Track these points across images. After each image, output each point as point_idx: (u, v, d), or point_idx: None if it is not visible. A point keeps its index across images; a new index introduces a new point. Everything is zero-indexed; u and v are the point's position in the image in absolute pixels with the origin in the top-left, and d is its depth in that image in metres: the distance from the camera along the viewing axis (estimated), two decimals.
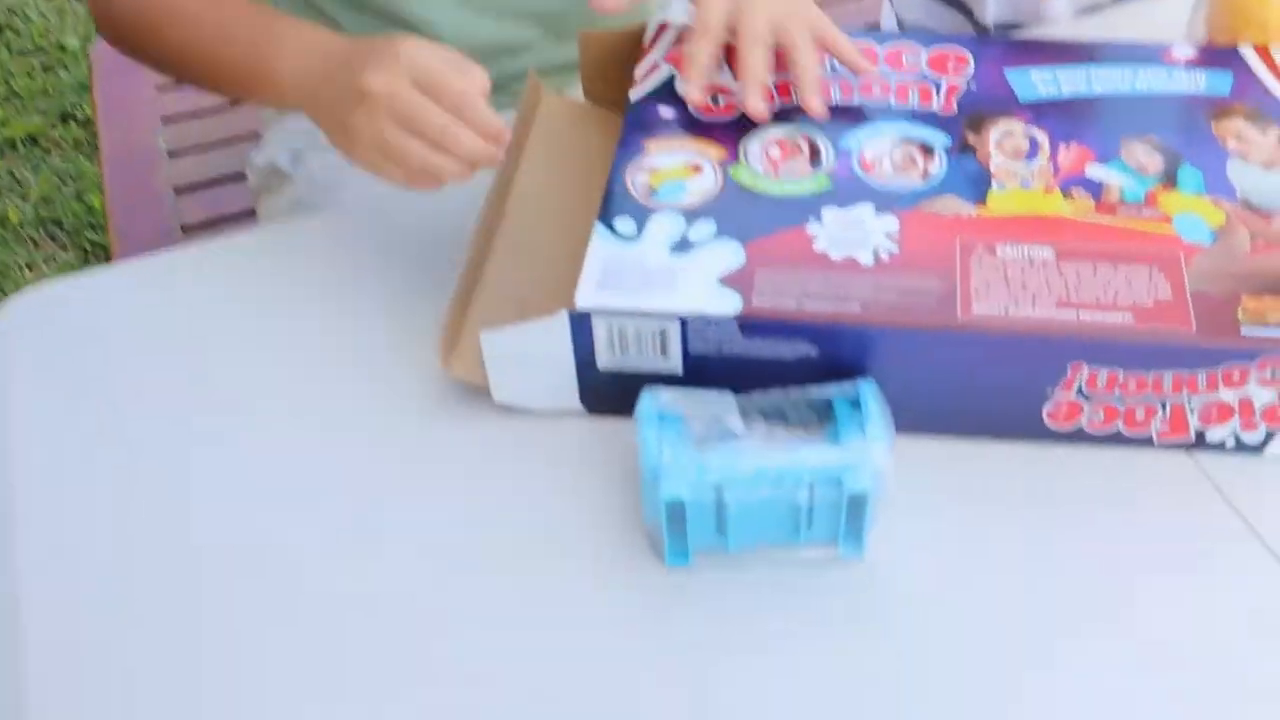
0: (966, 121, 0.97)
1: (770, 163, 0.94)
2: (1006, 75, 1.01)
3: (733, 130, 0.98)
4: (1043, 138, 0.96)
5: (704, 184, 0.93)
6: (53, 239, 2.17)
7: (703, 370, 0.86)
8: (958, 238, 0.88)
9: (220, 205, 1.48)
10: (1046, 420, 0.85)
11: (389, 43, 0.89)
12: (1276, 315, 0.81)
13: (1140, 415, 0.85)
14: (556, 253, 0.94)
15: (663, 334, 0.85)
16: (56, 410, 0.93)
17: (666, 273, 0.86)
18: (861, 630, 0.77)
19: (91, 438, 0.91)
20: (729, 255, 0.87)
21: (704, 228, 0.89)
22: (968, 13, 1.31)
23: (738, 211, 0.91)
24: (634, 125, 0.98)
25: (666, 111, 0.99)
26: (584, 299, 0.85)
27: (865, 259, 0.86)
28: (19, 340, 0.99)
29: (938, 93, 1.00)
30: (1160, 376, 0.82)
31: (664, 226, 0.90)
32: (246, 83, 1.01)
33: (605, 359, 0.87)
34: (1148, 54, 1.03)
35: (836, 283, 0.84)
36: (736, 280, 0.85)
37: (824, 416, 0.82)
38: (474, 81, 0.87)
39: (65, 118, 2.40)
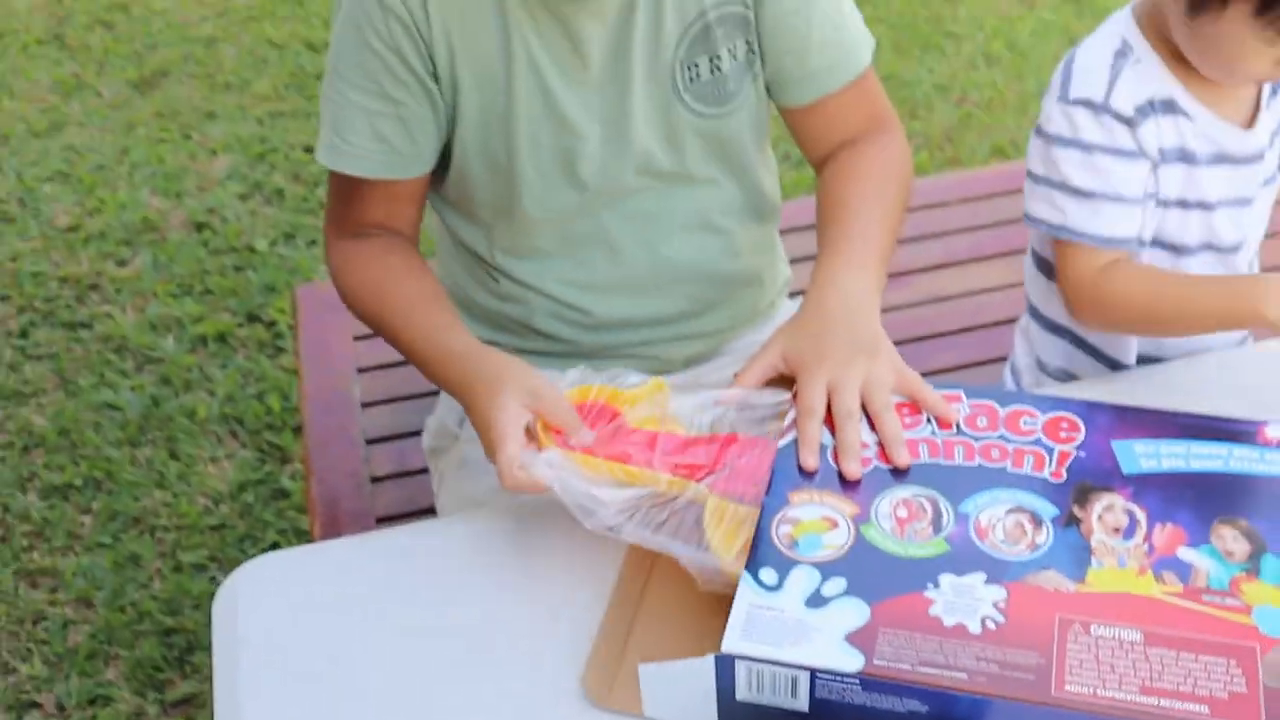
0: (1074, 493, 1.08)
1: (897, 522, 1.07)
2: (1113, 445, 1.12)
3: (868, 486, 1.10)
4: (1141, 515, 1.06)
5: (838, 539, 1.06)
6: (234, 436, 2.37)
7: (826, 710, 0.98)
8: (1057, 614, 0.98)
9: (410, 460, 1.65)
10: None
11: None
12: None
13: None
14: (702, 595, 1.08)
15: (794, 680, 0.97)
16: (272, 672, 1.09)
17: (801, 626, 0.99)
18: None
19: (300, 700, 1.06)
20: (855, 614, 0.99)
21: (836, 584, 1.02)
22: (1106, 358, 1.44)
23: (866, 569, 1.03)
24: (780, 475, 1.12)
25: (809, 461, 1.12)
26: (730, 644, 0.98)
27: (974, 627, 0.97)
28: (241, 612, 1.16)
29: (1050, 459, 1.11)
30: None
31: (801, 580, 1.02)
32: (441, 384, 1.27)
33: (743, 693, 1.00)
34: (1244, 431, 1.13)
35: (948, 649, 0.96)
36: (860, 639, 0.97)
37: None
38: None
39: (252, 318, 2.62)
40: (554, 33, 1.29)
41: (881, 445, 1.13)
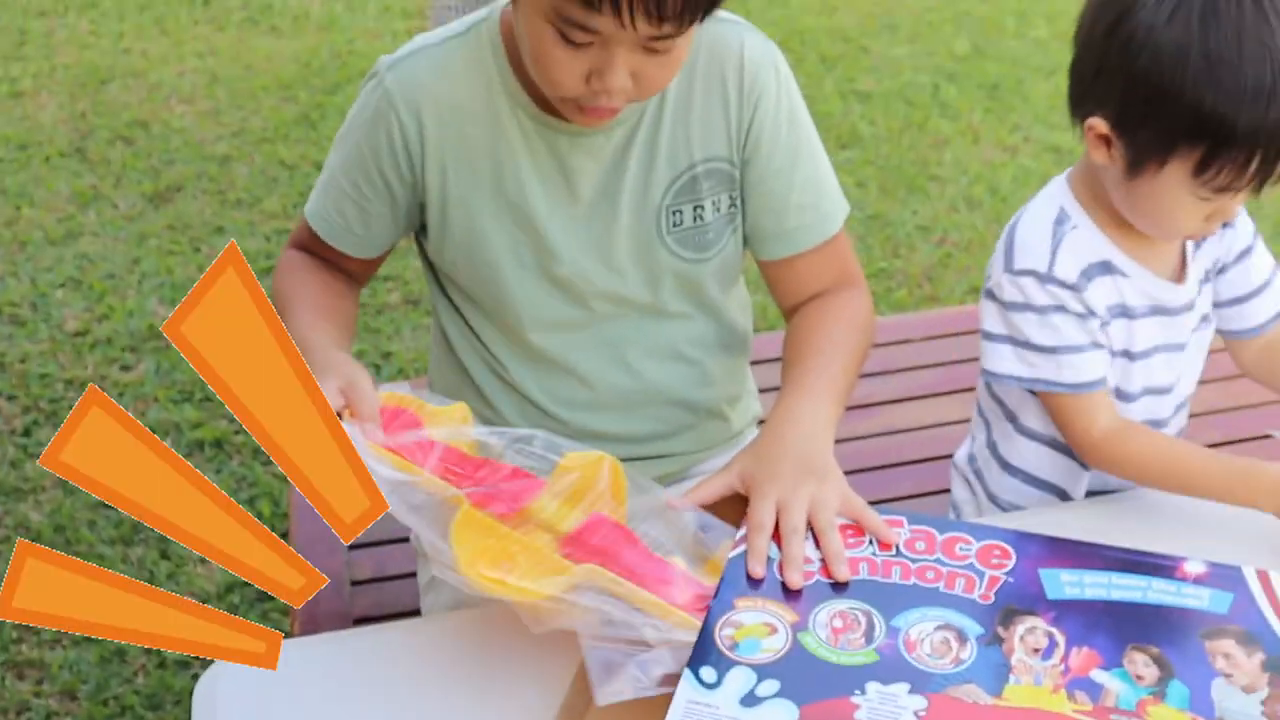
0: (999, 615, 1.16)
1: (833, 632, 1.15)
2: (1040, 573, 1.20)
3: (809, 597, 1.19)
4: (1060, 638, 1.13)
5: (776, 643, 1.14)
6: None
7: None
8: None
9: (385, 564, 1.73)
10: None
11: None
12: None
13: None
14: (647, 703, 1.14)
15: None
16: None
17: None
18: None
19: None
20: (785, 715, 1.07)
21: (770, 685, 1.10)
22: (1058, 491, 1.54)
23: (799, 673, 1.11)
24: (728, 582, 1.20)
25: (756, 570, 1.21)
26: None
27: None
28: (220, 703, 1.24)
29: (980, 582, 1.19)
30: None
31: (738, 680, 1.10)
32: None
33: None
34: (1164, 565, 1.20)
35: None
36: None
37: None
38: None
39: None
40: (548, 165, 1.39)
41: (824, 561, 1.22)
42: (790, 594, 1.19)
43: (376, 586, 1.72)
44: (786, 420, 1.33)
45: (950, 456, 1.69)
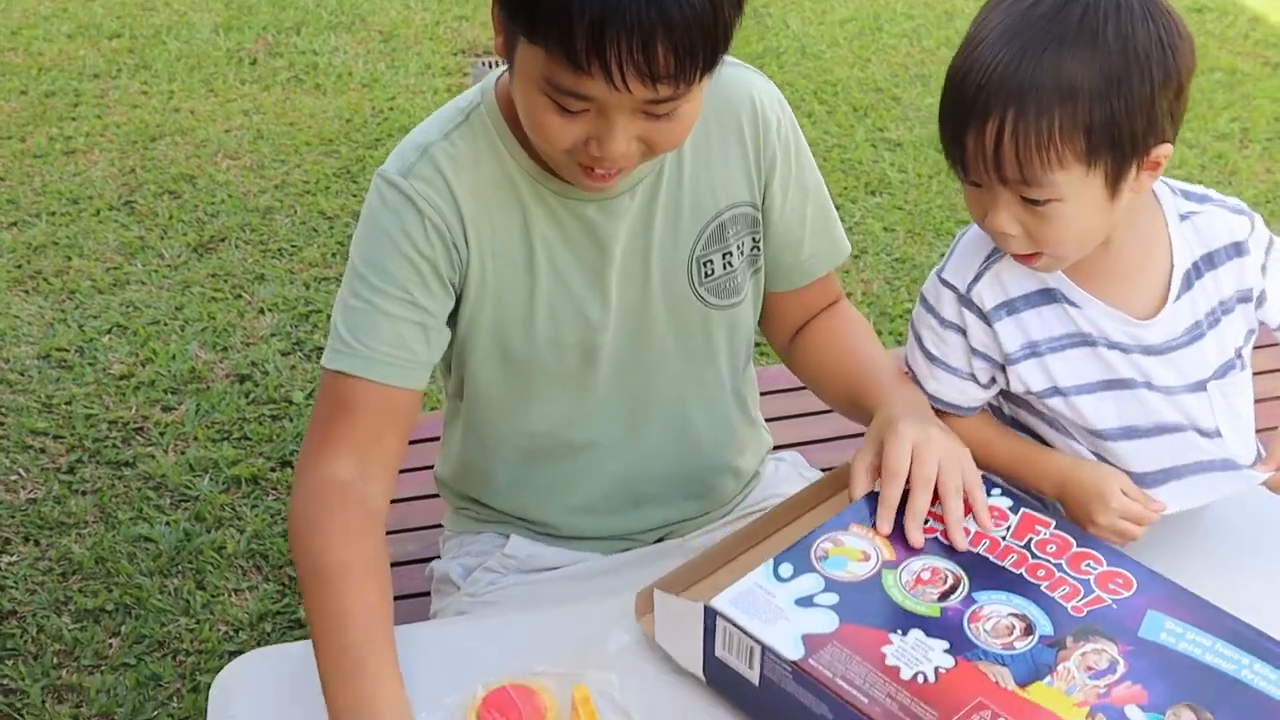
0: (1079, 629, 1.13)
1: (915, 579, 1.19)
2: (1147, 613, 1.15)
3: (919, 549, 1.22)
4: (1122, 668, 1.09)
5: (860, 569, 1.19)
6: (258, 570, 2.52)
7: (770, 690, 1.11)
8: (981, 697, 1.06)
9: (400, 584, 1.78)
10: None
11: None
12: None
13: None
14: (754, 562, 1.23)
15: (751, 651, 1.12)
16: None
17: (779, 613, 1.14)
18: None
19: None
20: (825, 623, 1.13)
21: (829, 597, 1.15)
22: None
23: (860, 598, 1.16)
24: (856, 508, 1.26)
25: (884, 528, 1.24)
26: (717, 602, 1.14)
27: (905, 673, 1.08)
28: (234, 699, 1.29)
29: (1083, 597, 1.17)
30: None
31: (806, 583, 1.17)
32: (331, 672, 1.20)
33: (719, 649, 1.15)
34: (1276, 653, 1.11)
35: (871, 679, 1.07)
36: (814, 641, 1.11)
37: None
38: None
39: (284, 463, 2.79)
40: (577, 232, 1.37)
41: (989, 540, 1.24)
42: (903, 535, 1.23)
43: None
44: (895, 399, 1.37)
45: None
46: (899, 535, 1.23)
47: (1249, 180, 4.01)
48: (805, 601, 1.15)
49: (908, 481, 1.27)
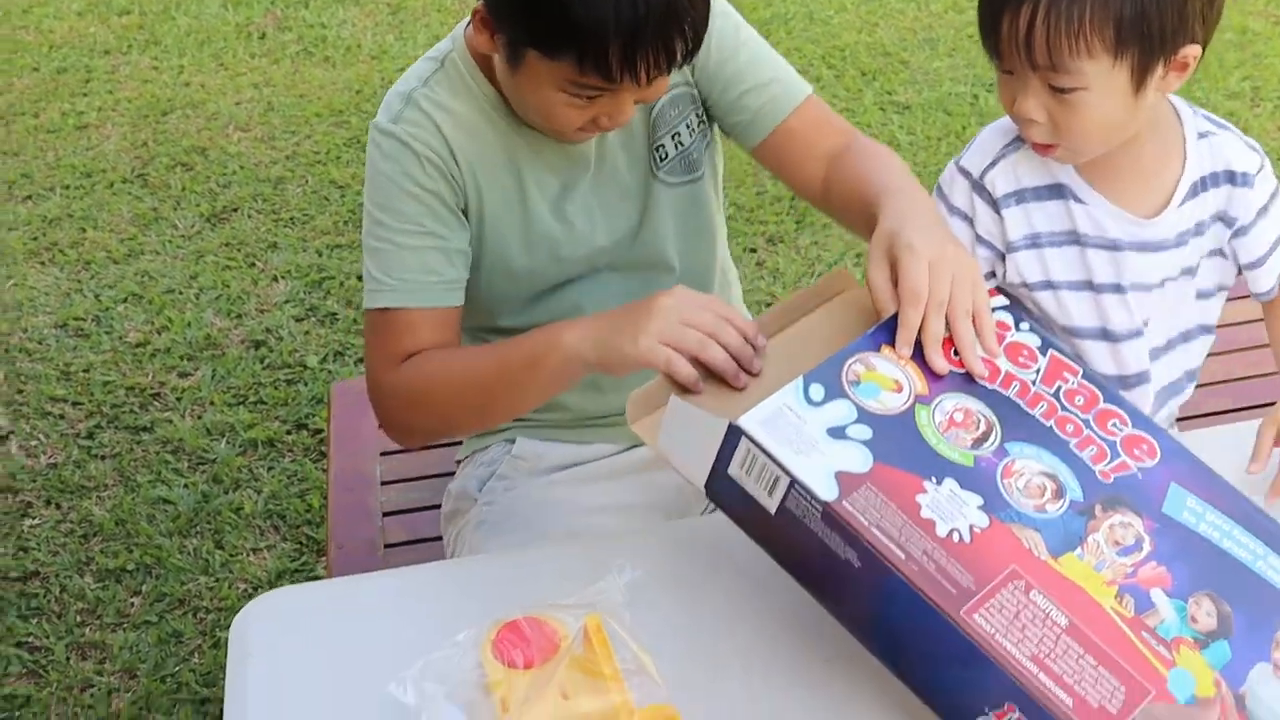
0: (1107, 498, 1.12)
1: (949, 421, 1.14)
2: (1171, 487, 1.14)
3: (950, 382, 1.17)
4: (1148, 547, 1.09)
5: (893, 402, 1.14)
6: (276, 529, 2.55)
7: (784, 521, 1.07)
8: (1014, 564, 1.04)
9: (419, 529, 1.82)
10: None
11: (674, 289, 1.27)
12: None
13: None
14: (769, 384, 1.18)
15: (775, 480, 1.07)
16: (278, 696, 1.25)
17: (810, 442, 1.09)
18: None
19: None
20: (859, 460, 1.08)
21: (861, 430, 1.11)
22: None
23: (894, 436, 1.11)
24: (885, 327, 1.20)
25: (904, 351, 1.19)
26: (744, 421, 1.09)
27: (941, 530, 1.05)
28: (254, 635, 1.32)
29: (1110, 461, 1.15)
30: None
31: (838, 411, 1.12)
32: (530, 381, 1.36)
33: (734, 469, 1.10)
34: None
35: (906, 531, 1.04)
36: (847, 481, 1.06)
37: None
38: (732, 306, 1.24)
39: (300, 426, 2.82)
40: (554, 155, 1.49)
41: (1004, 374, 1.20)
42: (933, 370, 1.19)
43: (410, 548, 1.81)
44: (900, 196, 1.32)
45: None
46: (926, 363, 1.19)
47: (1260, 138, 4.01)
48: (837, 433, 1.10)
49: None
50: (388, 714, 1.18)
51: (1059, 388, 1.21)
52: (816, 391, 1.13)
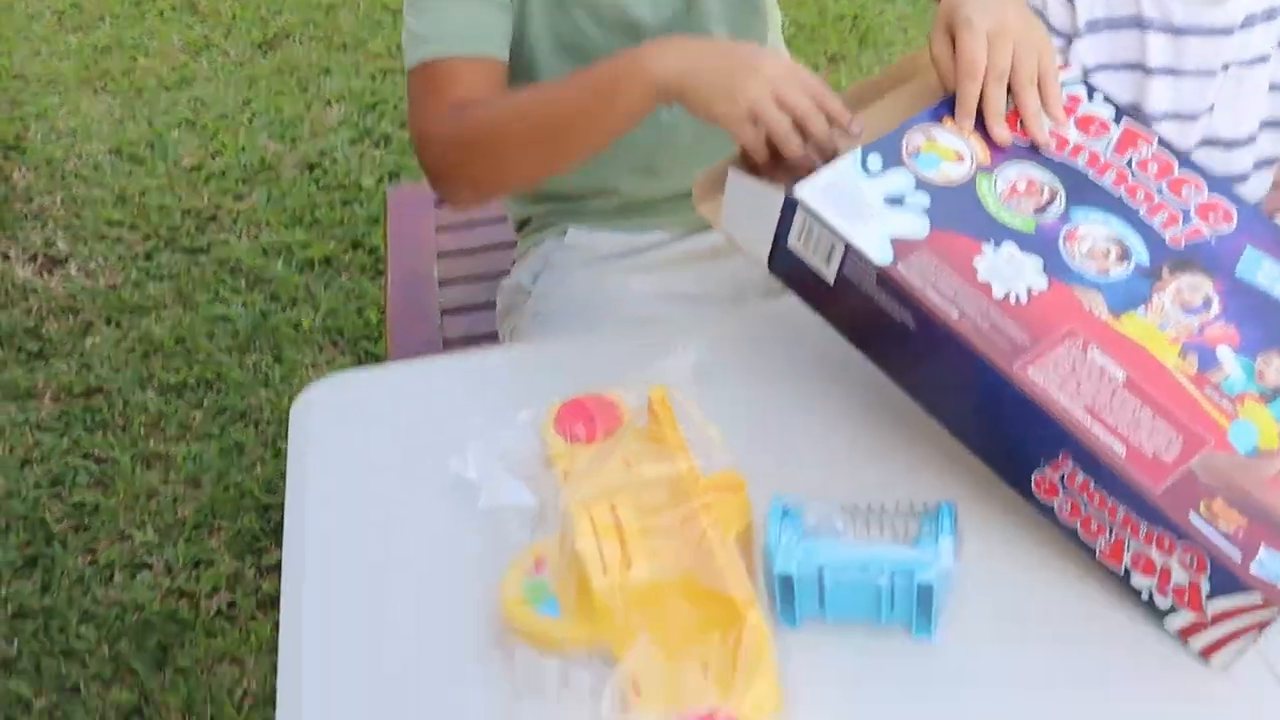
0: (1175, 261, 1.08)
1: (1011, 189, 1.11)
2: (1246, 250, 1.10)
3: (1016, 152, 1.14)
4: (1217, 308, 1.05)
5: (954, 171, 1.11)
6: (334, 345, 2.55)
7: (845, 290, 1.05)
8: (1072, 324, 1.01)
9: (477, 327, 1.80)
10: (1033, 487, 1.00)
11: (769, 50, 1.21)
12: (1226, 524, 0.92)
13: (1094, 527, 0.97)
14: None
15: (832, 247, 1.05)
16: (339, 477, 1.23)
17: (867, 210, 1.06)
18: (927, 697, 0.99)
19: (365, 501, 1.19)
20: (916, 227, 1.05)
21: (919, 198, 1.08)
22: None
23: (953, 203, 1.08)
24: (949, 101, 1.16)
25: (965, 125, 1.15)
26: (800, 191, 1.07)
27: (998, 292, 1.02)
28: (314, 418, 1.31)
29: (1182, 226, 1.11)
30: (1116, 506, 0.95)
31: (896, 180, 1.09)
32: (603, 109, 1.28)
33: (794, 241, 1.08)
34: None
35: (963, 293, 1.02)
36: (903, 246, 1.04)
37: (913, 528, 1.04)
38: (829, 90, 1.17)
39: (355, 245, 2.80)
40: None
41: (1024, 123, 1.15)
42: (996, 142, 1.15)
43: (468, 346, 1.78)
44: None
45: None
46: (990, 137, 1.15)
47: None
48: (895, 200, 1.07)
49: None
50: (448, 491, 1.16)
51: (1131, 157, 1.16)
52: (874, 161, 1.11)
